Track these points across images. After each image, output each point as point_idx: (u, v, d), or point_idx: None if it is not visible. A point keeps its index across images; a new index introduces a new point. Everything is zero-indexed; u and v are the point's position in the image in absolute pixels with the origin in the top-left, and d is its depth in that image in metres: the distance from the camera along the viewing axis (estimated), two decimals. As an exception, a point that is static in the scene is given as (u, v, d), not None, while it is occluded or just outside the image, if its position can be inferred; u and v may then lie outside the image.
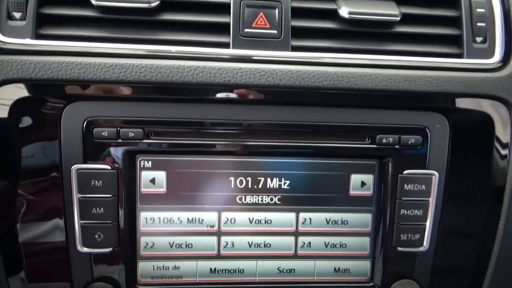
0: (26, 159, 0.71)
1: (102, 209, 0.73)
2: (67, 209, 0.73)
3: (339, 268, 0.82)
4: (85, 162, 0.72)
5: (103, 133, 0.72)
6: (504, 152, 0.78)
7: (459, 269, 0.83)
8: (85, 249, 0.74)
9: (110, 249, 0.75)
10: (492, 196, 0.79)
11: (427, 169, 0.77)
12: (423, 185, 0.78)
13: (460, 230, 0.81)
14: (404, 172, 0.77)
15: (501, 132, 0.77)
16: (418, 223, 0.78)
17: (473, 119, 0.77)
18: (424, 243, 0.79)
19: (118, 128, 0.72)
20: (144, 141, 0.73)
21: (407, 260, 0.80)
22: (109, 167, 0.72)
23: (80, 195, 0.73)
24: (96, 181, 0.73)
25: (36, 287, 0.76)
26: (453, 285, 0.83)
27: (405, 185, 0.77)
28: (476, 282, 0.83)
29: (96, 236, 0.74)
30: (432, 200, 0.78)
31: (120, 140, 0.72)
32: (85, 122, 0.71)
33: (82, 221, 0.73)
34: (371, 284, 0.81)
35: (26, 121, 0.70)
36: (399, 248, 0.79)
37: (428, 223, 0.79)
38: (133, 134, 0.72)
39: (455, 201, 0.79)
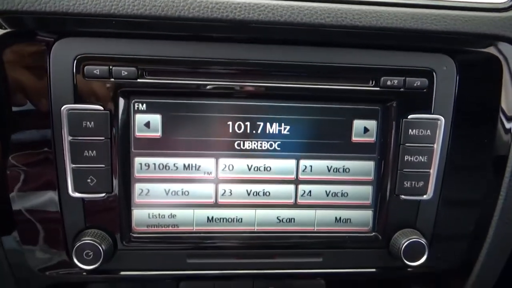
0: (14, 99, 0.68)
1: (94, 152, 0.70)
2: (58, 153, 0.70)
3: (340, 218, 0.79)
4: (76, 102, 0.69)
5: (94, 71, 0.68)
6: (512, 96, 0.75)
7: (463, 220, 0.81)
8: (77, 194, 0.71)
9: (103, 194, 0.72)
10: (500, 143, 0.77)
11: (432, 113, 0.75)
12: (428, 131, 0.75)
13: (466, 179, 0.79)
14: (409, 116, 0.74)
15: (509, 74, 0.74)
16: (422, 170, 0.76)
17: (480, 61, 0.74)
18: (428, 191, 0.77)
19: (111, 67, 0.68)
20: (137, 80, 0.69)
21: (410, 209, 0.78)
22: (101, 108, 0.69)
23: (71, 137, 0.69)
24: (88, 122, 0.69)
25: (27, 235, 0.73)
26: (456, 236, 0.81)
27: (410, 130, 0.74)
28: (480, 232, 0.81)
29: (89, 181, 0.71)
30: (437, 147, 0.76)
31: (113, 79, 0.69)
32: (76, 60, 0.67)
33: (74, 165, 0.70)
34: (373, 234, 0.79)
35: (13, 58, 0.67)
36: (402, 197, 0.77)
37: (432, 171, 0.76)
38: (126, 73, 0.69)
39: (462, 148, 0.77)
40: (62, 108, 0.68)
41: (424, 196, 0.77)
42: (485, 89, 0.75)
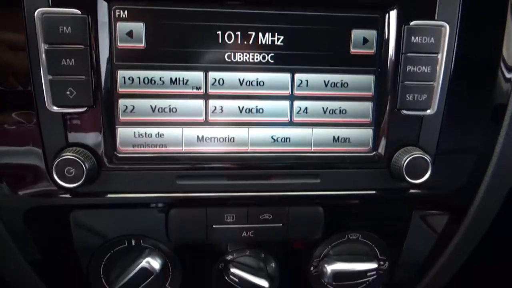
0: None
1: (72, 61, 0.65)
2: (33, 63, 0.65)
3: (338, 137, 0.75)
4: (51, 5, 0.63)
5: None
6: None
7: (468, 137, 0.76)
8: (56, 109, 0.67)
9: (84, 109, 0.67)
10: (510, 52, 0.72)
11: (436, 20, 0.70)
12: (432, 38, 0.70)
13: (472, 92, 0.74)
14: (411, 23, 0.69)
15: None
16: (426, 82, 0.71)
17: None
18: (432, 105, 0.72)
19: (88, -35, 0.63)
20: (118, -19, 0.64)
21: (412, 126, 0.73)
22: (78, 12, 0.64)
23: (47, 45, 0.64)
24: (65, 27, 0.64)
25: (4, 154, 0.69)
26: (461, 154, 0.77)
27: (412, 38, 0.69)
28: (486, 150, 0.77)
29: (68, 93, 0.66)
30: (441, 56, 0.71)
31: (91, -21, 0.63)
32: (49, -44, 0.62)
33: (51, 76, 0.65)
34: (373, 153, 0.75)
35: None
36: (404, 112, 0.72)
37: (436, 83, 0.72)
38: None
39: (468, 58, 0.72)
40: (35, 12, 0.63)
41: (428, 111, 0.73)
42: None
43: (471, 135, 0.76)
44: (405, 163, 0.72)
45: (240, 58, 0.70)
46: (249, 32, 0.69)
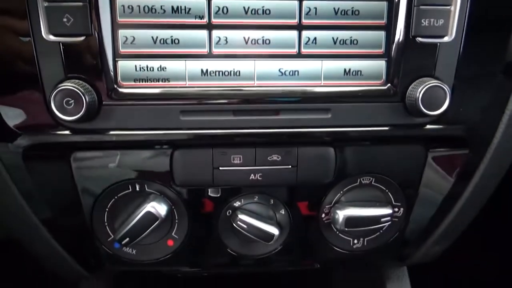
0: None
1: (69, -15, 0.62)
2: (27, -11, 0.62)
3: (349, 70, 0.71)
4: None
5: None
6: None
7: (489, 67, 0.72)
8: (52, 38, 0.64)
9: (82, 38, 0.64)
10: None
11: None
12: (449, -43, 0.66)
13: (491, 19, 0.70)
14: None
15: None
16: (443, 5, 0.67)
17: None
18: (449, 32, 0.68)
19: None
20: None
21: (428, 54, 0.69)
22: None
23: (42, -31, 0.61)
24: None
25: (2, 88, 0.66)
26: (480, 86, 0.72)
27: (428, -43, 0.65)
28: (508, 81, 0.72)
29: (65, 20, 0.63)
30: (459, -23, 0.66)
31: None
32: None
33: (47, 3, 0.62)
34: (387, 86, 0.71)
35: None
36: (419, 39, 0.68)
37: (453, 7, 0.67)
38: None
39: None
40: None
41: (444, 38, 0.68)
42: None
43: (491, 64, 0.72)
44: (421, 94, 0.67)
45: (244, -16, 0.67)
46: (253, -46, 0.66)
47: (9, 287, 1.23)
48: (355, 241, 0.86)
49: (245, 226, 0.80)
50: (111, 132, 0.69)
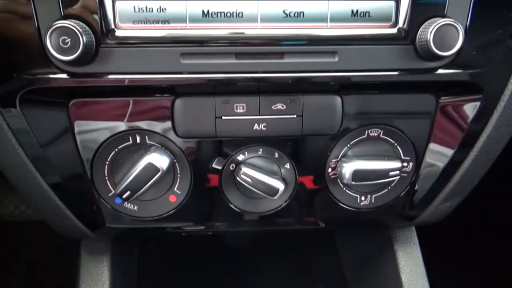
0: None
1: None
2: None
3: (357, 11, 0.67)
4: None
5: None
6: None
7: (506, 5, 0.68)
8: (48, -27, 0.62)
9: (78, -29, 0.62)
10: None
11: None
12: None
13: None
14: None
15: None
16: None
17: None
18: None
19: None
20: None
21: (440, -8, 0.66)
22: None
23: None
24: None
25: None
26: (495, 26, 0.68)
27: None
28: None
29: (60, -45, 0.61)
30: None
31: None
32: None
33: None
34: (397, 28, 0.68)
35: None
36: (430, -23, 0.65)
37: None
38: None
39: None
40: None
41: (458, -23, 0.65)
42: None
43: (508, 2, 0.68)
44: (433, 34, 0.64)
45: None
46: None
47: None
48: (362, 198, 0.84)
49: (249, 180, 0.78)
50: (109, 77, 0.67)
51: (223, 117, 0.73)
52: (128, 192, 0.76)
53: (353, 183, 0.78)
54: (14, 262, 2.02)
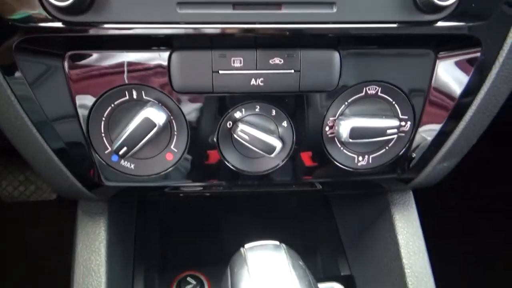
0: None
1: None
2: None
3: (356, -39, 0.67)
4: None
5: None
6: None
7: None
8: None
9: None
10: None
11: None
12: None
13: None
14: None
15: None
16: None
17: None
18: None
19: None
20: None
21: None
22: None
23: None
24: None
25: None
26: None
27: None
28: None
29: None
30: None
31: None
32: None
33: None
34: (395, -22, 0.67)
35: None
36: None
37: None
38: None
39: None
40: None
41: None
42: None
43: None
44: (431, -18, 0.64)
45: None
46: None
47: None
48: (360, 158, 0.84)
49: (246, 137, 0.77)
50: (105, 26, 0.66)
51: (220, 71, 0.72)
52: (125, 148, 0.76)
53: (350, 141, 0.78)
54: (12, 243, 2.03)
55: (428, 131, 0.81)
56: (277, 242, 0.62)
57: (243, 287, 0.51)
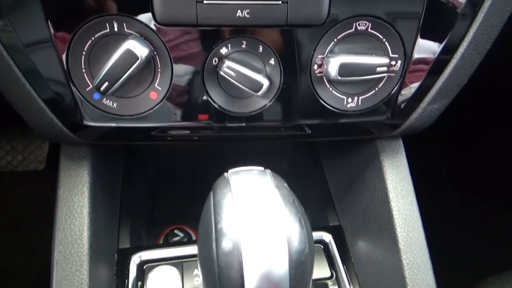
0: None
1: None
2: None
3: None
4: None
5: None
6: None
7: None
8: None
9: None
10: None
11: None
12: None
13: None
14: None
15: None
16: None
17: None
18: None
19: None
20: None
21: None
22: None
23: None
24: None
25: None
26: None
27: None
28: None
29: None
30: None
31: None
32: None
33: None
34: None
35: None
36: None
37: None
38: None
39: None
40: None
41: None
42: None
43: None
44: None
45: None
46: None
47: None
48: (349, 100, 0.82)
49: (232, 74, 0.75)
50: None
51: (204, 1, 0.69)
52: (106, 84, 0.73)
53: (339, 78, 0.76)
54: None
55: (418, 71, 0.79)
56: (262, 168, 0.60)
57: (225, 204, 0.50)
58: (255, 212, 0.49)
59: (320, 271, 0.91)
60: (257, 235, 0.47)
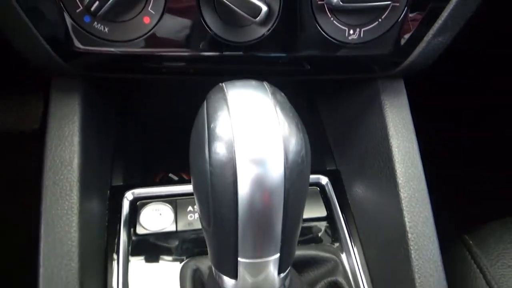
0: None
1: None
2: None
3: None
4: None
5: None
6: None
7: None
8: None
9: None
10: None
11: None
12: None
13: None
14: None
15: None
16: None
17: None
18: None
19: None
20: None
21: None
22: None
23: None
24: None
25: None
26: None
27: None
28: None
29: None
30: None
31: None
32: None
33: None
34: None
35: None
36: None
37: None
38: None
39: None
40: None
41: None
42: None
43: None
44: None
45: None
46: None
47: None
48: (351, 32, 0.79)
49: (229, -5, 0.72)
50: None
51: None
52: (97, 3, 0.70)
53: (341, 4, 0.73)
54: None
55: (422, 2, 0.76)
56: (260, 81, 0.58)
57: (219, 107, 0.47)
58: (250, 114, 0.47)
59: (316, 211, 0.90)
60: (252, 133, 0.45)
